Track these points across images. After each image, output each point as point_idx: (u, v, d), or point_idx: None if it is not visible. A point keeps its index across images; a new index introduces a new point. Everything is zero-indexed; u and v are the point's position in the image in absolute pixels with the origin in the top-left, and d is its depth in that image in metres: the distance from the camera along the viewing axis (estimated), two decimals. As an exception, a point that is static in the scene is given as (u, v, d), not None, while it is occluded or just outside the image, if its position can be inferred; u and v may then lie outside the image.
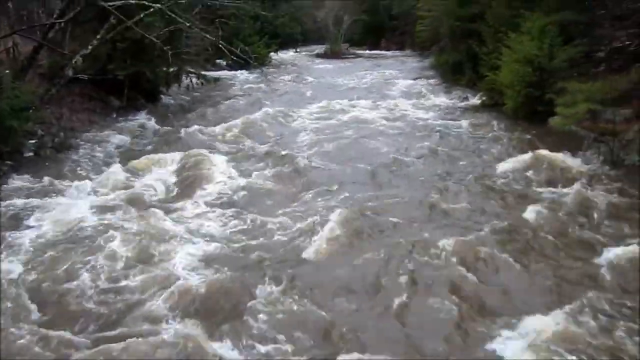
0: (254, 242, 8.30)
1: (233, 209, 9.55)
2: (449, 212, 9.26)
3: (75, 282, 6.93)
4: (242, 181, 11.02)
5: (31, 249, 7.89)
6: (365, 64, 38.06)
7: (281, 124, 17.02)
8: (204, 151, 12.82)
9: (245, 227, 8.87)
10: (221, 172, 11.49)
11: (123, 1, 14.23)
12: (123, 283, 6.96)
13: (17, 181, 10.76)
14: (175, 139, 14.77)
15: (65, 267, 7.30)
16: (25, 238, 8.21)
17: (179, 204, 9.84)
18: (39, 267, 7.36)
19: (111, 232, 8.24)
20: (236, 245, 8.20)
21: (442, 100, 20.88)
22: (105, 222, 8.79)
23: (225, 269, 7.31)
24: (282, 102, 20.49)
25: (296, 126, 16.63)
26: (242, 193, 10.37)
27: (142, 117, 17.91)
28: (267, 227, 8.80)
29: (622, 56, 14.95)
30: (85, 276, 7.06)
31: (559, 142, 13.15)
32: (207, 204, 9.86)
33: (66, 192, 10.32)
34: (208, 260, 7.58)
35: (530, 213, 8.95)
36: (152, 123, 17.13)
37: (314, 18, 54.38)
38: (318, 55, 47.07)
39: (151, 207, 9.53)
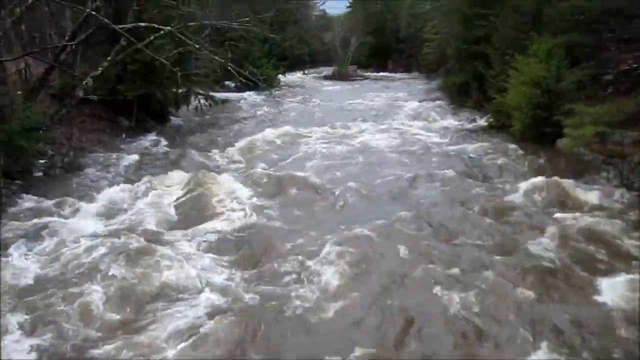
0: (254, 294, 7.30)
1: (235, 248, 8.84)
2: (456, 242, 8.97)
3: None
4: (248, 208, 10.70)
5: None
6: (372, 86, 38.33)
7: (289, 146, 17.07)
8: (212, 173, 12.80)
9: (246, 273, 8.02)
10: (227, 197, 11.32)
11: (134, 24, 14.41)
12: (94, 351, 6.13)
13: (26, 201, 10.78)
14: (184, 160, 14.83)
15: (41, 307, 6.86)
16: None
17: (180, 235, 9.47)
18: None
19: (99, 274, 7.69)
20: (235, 297, 7.23)
21: (449, 122, 20.94)
22: (100, 255, 8.25)
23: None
24: (290, 124, 20.58)
25: (304, 148, 16.65)
26: (248, 224, 9.89)
27: (151, 138, 18.07)
28: (268, 269, 8.13)
29: (629, 79, 14.98)
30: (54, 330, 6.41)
31: (567, 165, 13.13)
32: (209, 236, 9.24)
33: (72, 214, 10.28)
34: (200, 325, 6.50)
35: (539, 240, 8.81)
36: (160, 144, 17.27)
37: (321, 40, 55.09)
38: (325, 77, 47.49)
39: (151, 238, 9.16)
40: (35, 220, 9.76)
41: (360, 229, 9.29)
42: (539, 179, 11.81)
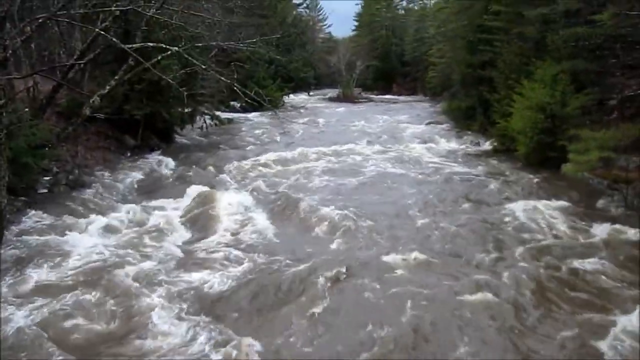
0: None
1: (237, 272, 8.66)
2: (459, 270, 8.84)
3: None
4: (250, 232, 10.62)
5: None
6: (377, 108, 38.50)
7: (292, 166, 17.10)
8: (215, 192, 12.82)
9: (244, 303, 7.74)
10: (230, 217, 11.35)
11: (142, 44, 14.56)
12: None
13: (30, 218, 10.80)
14: (188, 180, 14.85)
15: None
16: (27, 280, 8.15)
17: (185, 250, 9.58)
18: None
19: (104, 288, 7.77)
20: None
21: (453, 145, 20.97)
22: (103, 272, 8.33)
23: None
24: (293, 145, 20.68)
25: (307, 169, 16.68)
26: (249, 247, 9.75)
27: (155, 157, 18.15)
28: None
29: (634, 104, 15.00)
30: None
31: (572, 190, 13.08)
32: (211, 260, 9.11)
33: (75, 231, 10.24)
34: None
35: (543, 266, 8.77)
36: (165, 163, 17.32)
37: (327, 63, 55.43)
38: (331, 99, 47.76)
39: (155, 254, 9.22)
40: (38, 237, 9.77)
41: (356, 260, 9.08)
42: (542, 202, 11.80)
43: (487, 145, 20.05)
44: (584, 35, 14.97)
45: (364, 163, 17.51)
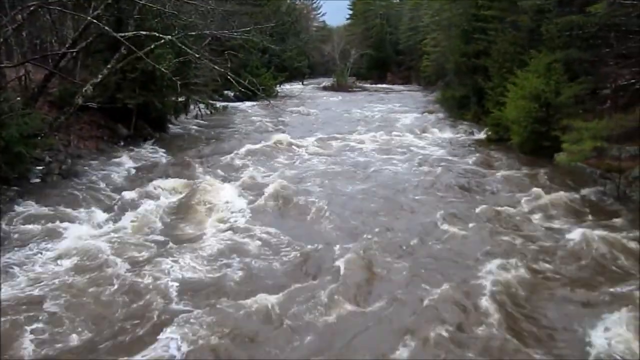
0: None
1: (230, 259, 8.68)
2: (449, 256, 8.97)
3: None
4: (243, 215, 10.79)
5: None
6: (371, 97, 38.48)
7: (286, 155, 17.10)
8: (208, 181, 12.77)
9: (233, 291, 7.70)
10: (223, 205, 11.35)
11: (134, 32, 14.44)
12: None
13: (22, 207, 10.76)
14: (181, 168, 14.84)
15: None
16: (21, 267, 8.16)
17: (176, 240, 9.54)
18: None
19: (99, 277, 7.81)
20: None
21: (447, 134, 20.99)
22: (96, 259, 8.38)
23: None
24: (287, 134, 20.62)
25: (300, 158, 16.70)
26: (243, 235, 9.76)
27: (149, 146, 18.09)
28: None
29: (627, 94, 15.05)
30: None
31: (565, 179, 13.15)
32: (204, 249, 9.07)
33: (68, 220, 10.22)
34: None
35: (533, 254, 8.84)
36: (158, 152, 17.29)
37: (321, 52, 55.29)
38: (325, 88, 47.68)
39: (147, 244, 9.18)
40: (30, 226, 9.75)
41: (349, 245, 9.21)
42: (535, 190, 11.88)
43: (481, 135, 20.08)
44: (577, 24, 14.98)
45: (355, 151, 17.56)
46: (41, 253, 8.68)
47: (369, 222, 10.57)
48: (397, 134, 20.97)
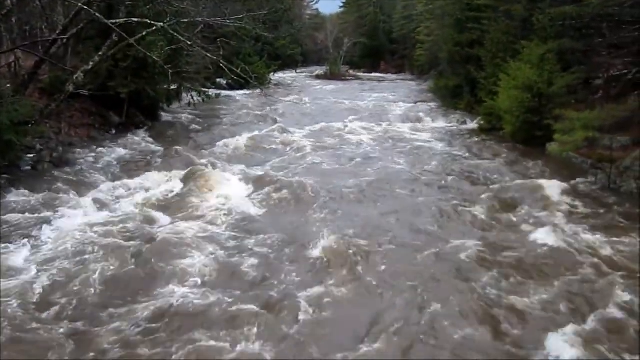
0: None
1: (220, 250, 8.62)
2: (438, 240, 9.08)
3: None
4: (236, 203, 10.77)
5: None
6: (364, 86, 38.41)
7: (278, 144, 17.03)
8: (200, 169, 12.73)
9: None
10: (215, 193, 11.30)
11: (126, 19, 14.31)
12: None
13: (13, 195, 10.68)
14: (173, 157, 14.75)
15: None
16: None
17: (169, 228, 9.50)
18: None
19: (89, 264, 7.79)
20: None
21: (440, 124, 21.02)
22: (88, 248, 8.31)
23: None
24: (280, 123, 20.59)
25: (293, 146, 16.64)
26: (236, 220, 9.87)
27: (141, 134, 17.96)
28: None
29: (619, 84, 15.12)
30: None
31: (556, 168, 13.22)
32: (196, 231, 9.17)
33: (59, 208, 10.11)
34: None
35: (522, 242, 8.89)
36: (150, 140, 17.17)
37: (314, 40, 55.11)
38: (318, 77, 47.52)
39: (139, 232, 9.14)
40: (21, 215, 9.69)
41: (343, 231, 9.28)
42: (526, 181, 11.94)
43: (473, 124, 20.12)
44: (570, 14, 14.99)
45: (348, 140, 17.55)
46: (32, 241, 8.63)
47: (358, 210, 10.66)
48: (389, 123, 20.96)
